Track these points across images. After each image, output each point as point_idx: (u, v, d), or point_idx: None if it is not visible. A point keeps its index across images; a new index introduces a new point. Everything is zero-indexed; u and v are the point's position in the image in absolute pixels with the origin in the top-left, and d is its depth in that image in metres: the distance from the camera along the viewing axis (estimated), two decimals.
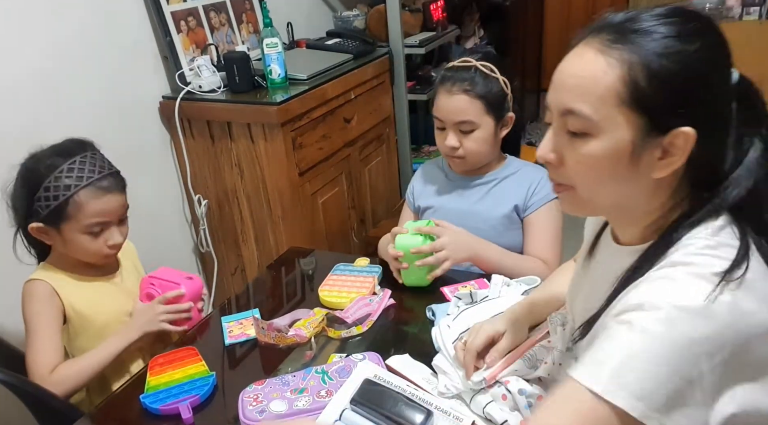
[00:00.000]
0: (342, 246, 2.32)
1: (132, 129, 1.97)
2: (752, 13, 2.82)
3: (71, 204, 1.21)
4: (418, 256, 1.28)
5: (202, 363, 1.13)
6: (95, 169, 1.24)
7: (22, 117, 1.63)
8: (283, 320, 1.24)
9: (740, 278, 0.63)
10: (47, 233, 1.25)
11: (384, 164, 2.60)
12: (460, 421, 0.91)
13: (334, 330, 1.20)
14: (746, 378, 0.63)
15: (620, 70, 0.66)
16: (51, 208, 1.21)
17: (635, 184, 0.71)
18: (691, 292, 0.63)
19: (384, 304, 1.26)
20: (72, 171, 1.21)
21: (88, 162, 1.24)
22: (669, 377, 0.61)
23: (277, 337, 1.17)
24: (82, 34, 1.77)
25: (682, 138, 0.66)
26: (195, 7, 2.10)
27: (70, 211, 1.21)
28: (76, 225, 1.23)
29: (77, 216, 1.22)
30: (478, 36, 3.57)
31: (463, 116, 1.37)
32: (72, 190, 1.20)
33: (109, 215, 1.26)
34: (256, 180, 2.01)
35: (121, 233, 1.29)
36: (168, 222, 2.15)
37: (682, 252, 0.67)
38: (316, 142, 2.08)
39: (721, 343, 0.61)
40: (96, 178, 1.23)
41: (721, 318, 0.61)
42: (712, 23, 0.69)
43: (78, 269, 1.31)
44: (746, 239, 0.66)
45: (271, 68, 1.99)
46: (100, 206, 1.23)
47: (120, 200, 1.28)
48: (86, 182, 1.22)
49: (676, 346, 0.61)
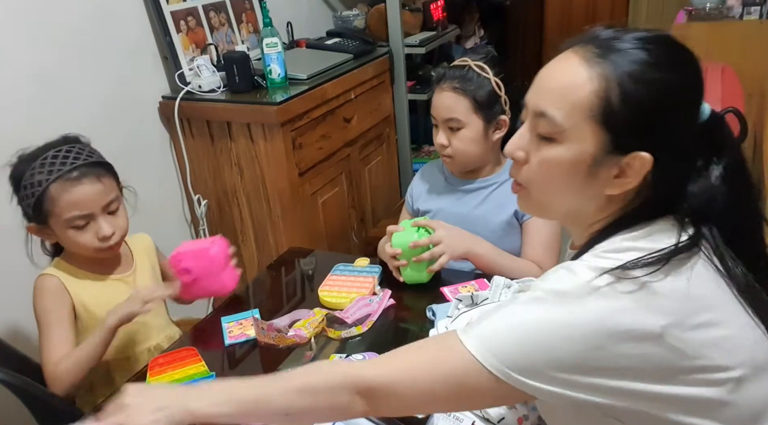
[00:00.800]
0: (342, 246, 2.32)
1: (132, 129, 1.97)
2: (753, 13, 2.82)
3: (46, 199, 1.18)
4: (415, 253, 1.29)
5: (202, 364, 1.13)
6: (67, 162, 1.20)
7: (21, 117, 1.63)
8: (283, 320, 1.23)
9: (636, 278, 0.64)
10: (43, 232, 1.24)
11: (384, 164, 2.60)
12: (460, 421, 0.91)
13: (334, 330, 1.20)
14: (611, 376, 0.64)
15: (598, 84, 0.68)
16: (31, 206, 1.20)
17: (588, 195, 0.73)
18: (569, 279, 0.67)
19: (384, 304, 1.26)
20: (44, 166, 1.19)
21: (61, 155, 1.21)
22: (528, 347, 0.66)
23: (276, 338, 1.17)
24: (82, 34, 1.77)
25: (639, 161, 0.68)
26: (195, 6, 2.10)
27: (47, 207, 1.19)
28: (59, 220, 1.20)
29: (54, 211, 1.19)
30: (478, 36, 3.57)
31: (450, 113, 1.37)
32: (43, 184, 1.18)
33: (85, 206, 1.21)
34: (256, 180, 2.01)
35: (111, 224, 1.24)
36: (168, 222, 2.15)
37: (591, 253, 0.70)
38: (316, 141, 2.08)
39: (581, 332, 0.64)
40: (66, 170, 1.19)
41: (588, 307, 0.64)
42: (693, 58, 0.70)
43: (89, 266, 1.30)
44: (677, 248, 0.66)
45: (270, 68, 1.99)
46: (72, 198, 1.19)
47: (95, 189, 1.22)
48: (56, 175, 1.18)
49: (538, 323, 0.66)
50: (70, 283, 1.26)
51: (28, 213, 1.22)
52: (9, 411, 1.35)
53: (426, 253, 1.29)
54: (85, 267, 1.30)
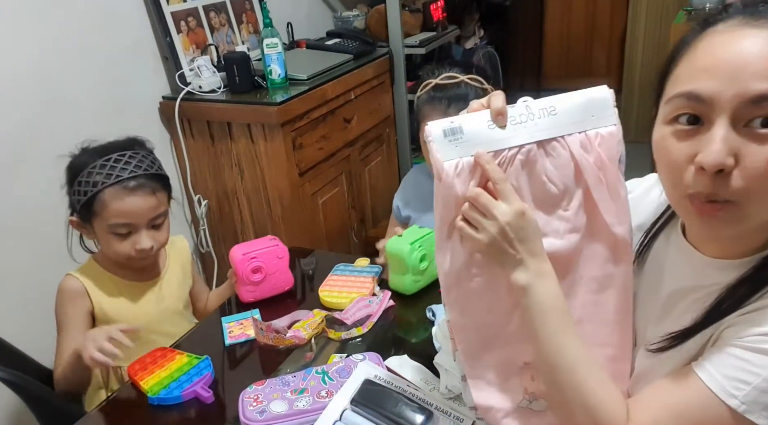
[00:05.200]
0: (342, 246, 2.32)
1: (132, 129, 1.94)
2: None
3: (97, 201, 1.20)
4: (401, 262, 1.25)
5: (187, 354, 1.14)
6: (128, 168, 1.21)
7: (22, 117, 1.63)
8: (283, 321, 1.23)
9: None
10: (84, 227, 1.26)
11: (384, 164, 2.60)
12: (460, 421, 0.91)
13: (335, 331, 1.20)
14: None
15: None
16: (81, 202, 1.21)
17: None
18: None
19: (384, 305, 1.26)
20: (104, 168, 1.20)
21: (124, 160, 1.22)
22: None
23: (275, 339, 1.17)
24: (82, 35, 1.77)
25: None
26: (195, 7, 2.10)
27: (96, 208, 1.20)
28: (103, 223, 1.22)
29: (102, 214, 1.20)
30: (478, 36, 3.57)
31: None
32: (99, 186, 1.19)
33: (133, 217, 1.22)
34: (256, 180, 2.02)
35: (151, 238, 1.25)
36: None
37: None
38: (316, 142, 2.08)
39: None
40: (125, 177, 1.20)
41: None
42: None
43: (118, 270, 1.31)
44: None
45: (271, 68, 1.99)
46: (123, 207, 1.20)
47: (148, 203, 1.23)
48: (114, 180, 1.19)
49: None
50: (92, 288, 1.27)
51: (75, 206, 1.24)
52: (10, 410, 1.35)
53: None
54: (114, 270, 1.31)
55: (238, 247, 1.33)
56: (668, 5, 3.69)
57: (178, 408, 1.06)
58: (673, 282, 0.77)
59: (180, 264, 1.42)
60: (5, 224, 1.59)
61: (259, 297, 1.34)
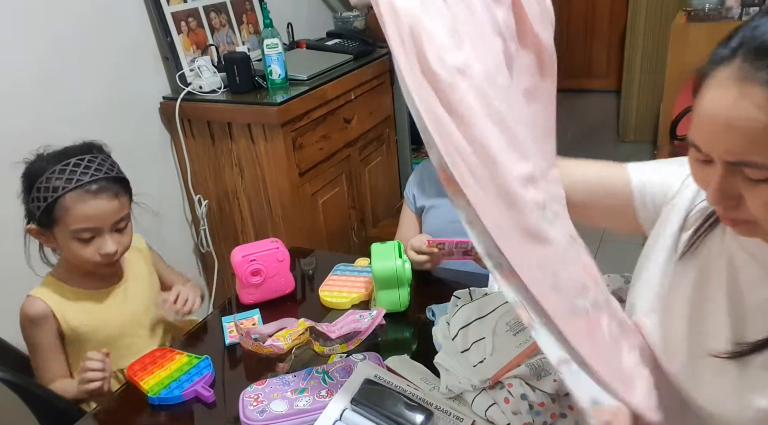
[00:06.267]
0: (342, 246, 2.32)
1: (132, 129, 1.97)
2: (752, 14, 2.83)
3: (58, 206, 1.16)
4: (388, 282, 1.22)
5: (187, 354, 1.15)
6: (88, 172, 1.18)
7: (22, 118, 1.63)
8: (270, 327, 1.22)
9: None
10: (44, 236, 1.22)
11: (384, 164, 2.60)
12: (460, 421, 0.91)
13: (319, 345, 1.15)
14: None
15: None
16: (41, 209, 1.17)
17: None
18: None
19: (376, 323, 1.18)
20: (63, 172, 1.17)
21: (84, 164, 1.19)
22: None
23: (254, 345, 1.15)
24: (83, 35, 1.78)
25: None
26: (195, 7, 2.10)
27: (57, 214, 1.17)
28: (65, 229, 1.18)
29: (65, 219, 1.17)
30: None
31: None
32: (59, 191, 1.16)
33: (97, 221, 1.19)
34: (257, 180, 2.02)
35: (116, 242, 1.22)
36: (168, 223, 2.15)
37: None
38: (317, 142, 2.08)
39: None
40: (86, 181, 1.17)
41: None
42: None
43: (80, 281, 1.28)
44: None
45: (271, 69, 2.00)
46: (87, 210, 1.17)
47: (111, 206, 1.20)
48: (75, 185, 1.16)
49: None
50: (56, 306, 1.24)
51: (33, 214, 1.20)
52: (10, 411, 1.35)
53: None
54: (75, 281, 1.27)
55: (239, 249, 1.33)
56: (668, 5, 3.69)
57: (179, 407, 1.06)
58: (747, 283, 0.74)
59: (142, 263, 1.39)
60: (6, 224, 1.59)
61: (258, 299, 1.34)
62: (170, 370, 1.12)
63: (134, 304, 1.33)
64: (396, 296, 1.23)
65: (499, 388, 0.92)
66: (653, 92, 3.86)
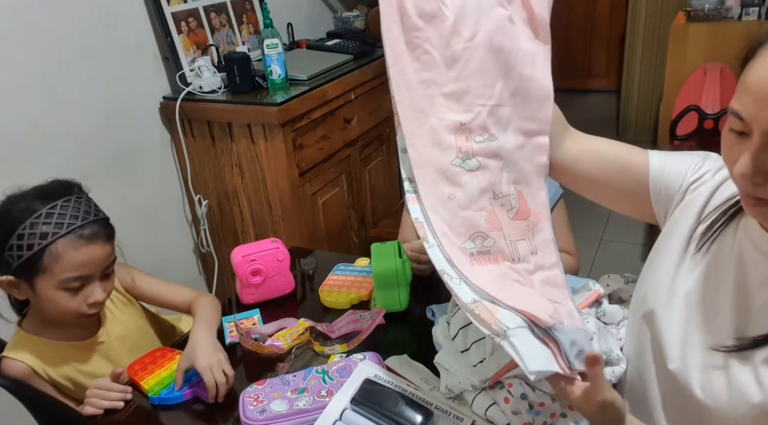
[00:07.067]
0: (342, 246, 2.32)
1: (133, 129, 1.97)
2: (751, 14, 2.83)
3: (47, 254, 1.04)
4: (388, 282, 1.22)
5: None
6: (78, 215, 1.07)
7: (22, 118, 1.63)
8: (271, 327, 1.22)
9: None
10: (17, 287, 1.09)
11: (384, 164, 2.60)
12: (460, 421, 0.91)
13: (319, 344, 1.16)
14: None
15: None
16: (24, 258, 1.04)
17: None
18: None
19: (376, 323, 1.20)
20: (51, 216, 1.04)
21: (71, 207, 1.07)
22: None
23: (254, 345, 1.15)
24: (83, 35, 1.78)
25: None
26: (195, 8, 2.10)
27: (46, 263, 1.04)
28: (52, 279, 1.06)
29: (54, 268, 1.05)
30: None
31: None
32: (49, 238, 1.03)
33: (91, 268, 1.09)
34: (257, 180, 2.02)
35: (104, 289, 1.12)
36: (168, 223, 2.16)
37: None
38: (317, 142, 2.09)
39: None
40: (78, 225, 1.06)
41: None
42: None
43: (54, 331, 1.16)
44: None
45: (271, 69, 2.00)
46: (81, 257, 1.06)
47: (105, 251, 1.11)
48: (66, 230, 1.05)
49: None
50: (35, 364, 1.12)
51: (10, 264, 1.05)
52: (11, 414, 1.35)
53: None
54: (52, 333, 1.15)
55: (239, 249, 1.33)
56: (667, 5, 3.70)
57: (179, 407, 1.07)
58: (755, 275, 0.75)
59: (113, 295, 1.25)
60: None
61: (258, 299, 1.34)
62: (170, 370, 1.12)
63: (120, 346, 1.24)
64: (396, 296, 1.23)
65: (499, 388, 0.92)
66: (653, 92, 3.87)
